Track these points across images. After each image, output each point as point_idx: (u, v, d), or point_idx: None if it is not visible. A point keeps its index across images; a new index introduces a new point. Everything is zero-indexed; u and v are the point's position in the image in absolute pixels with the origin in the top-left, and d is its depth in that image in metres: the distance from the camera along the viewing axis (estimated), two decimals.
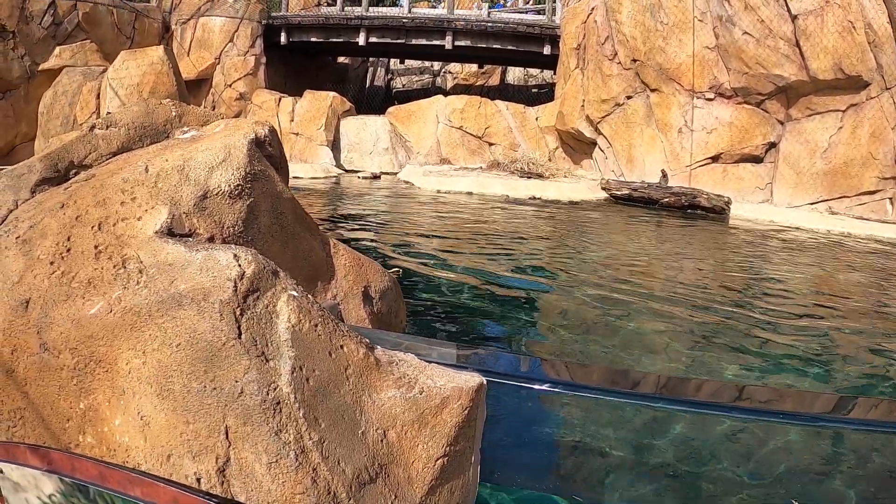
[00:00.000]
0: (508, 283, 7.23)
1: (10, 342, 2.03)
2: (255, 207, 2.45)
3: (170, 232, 2.11)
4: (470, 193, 15.63)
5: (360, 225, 10.81)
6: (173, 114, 3.01)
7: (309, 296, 1.96)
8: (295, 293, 1.91)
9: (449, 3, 23.04)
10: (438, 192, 15.76)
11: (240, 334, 1.77)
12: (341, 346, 1.91)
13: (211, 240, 2.22)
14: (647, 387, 2.85)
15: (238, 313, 1.80)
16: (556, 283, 7.69)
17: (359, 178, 18.77)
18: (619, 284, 7.48)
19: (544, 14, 22.72)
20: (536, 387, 2.67)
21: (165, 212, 2.16)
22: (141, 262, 1.98)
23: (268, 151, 2.70)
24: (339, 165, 20.34)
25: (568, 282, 7.70)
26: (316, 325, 1.89)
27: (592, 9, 18.24)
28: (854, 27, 14.11)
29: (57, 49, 18.80)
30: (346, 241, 3.35)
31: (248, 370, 1.73)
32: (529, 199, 15.39)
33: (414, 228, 10.98)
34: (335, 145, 20.75)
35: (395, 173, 19.46)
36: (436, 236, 10.27)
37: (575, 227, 12.21)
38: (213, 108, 21.27)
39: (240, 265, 1.87)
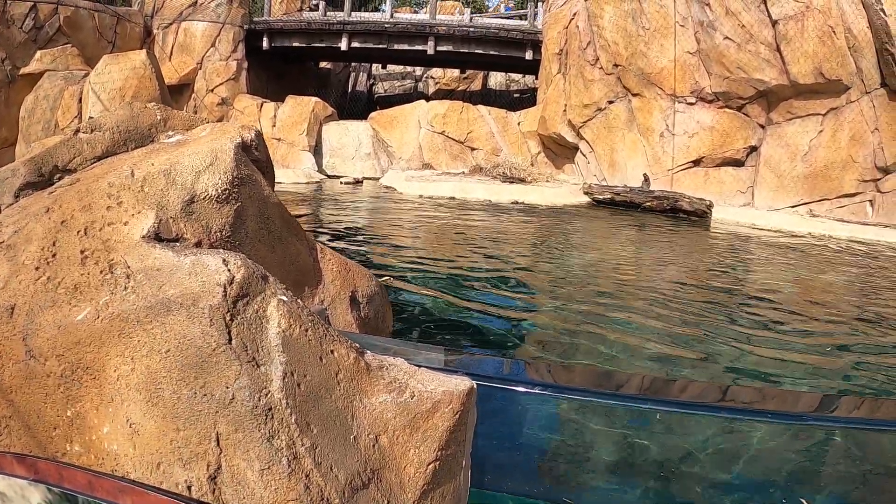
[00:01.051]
0: (492, 289, 7.23)
1: None
2: (243, 212, 2.43)
3: (157, 237, 2.09)
4: (452, 198, 15.63)
5: (342, 230, 10.79)
6: (158, 118, 2.99)
7: (298, 300, 1.95)
8: (285, 298, 1.89)
9: (431, 8, 23.10)
10: (421, 197, 15.76)
11: (230, 339, 1.75)
12: (332, 351, 1.90)
13: (198, 245, 2.20)
14: (635, 388, 2.85)
15: (228, 318, 1.78)
16: (539, 288, 7.70)
17: (341, 183, 18.73)
18: (602, 290, 7.49)
19: (526, 19, 22.79)
20: (525, 390, 2.67)
21: (152, 216, 2.14)
22: (128, 267, 1.96)
23: (254, 156, 2.68)
24: (321, 171, 20.29)
25: (551, 286, 7.71)
26: (306, 330, 1.87)
27: (574, 14, 18.31)
28: (834, 32, 14.24)
29: (38, 53, 18.68)
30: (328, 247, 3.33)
31: (239, 376, 1.72)
32: (512, 203, 15.41)
33: (397, 233, 10.97)
34: (317, 150, 20.71)
35: (378, 178, 19.44)
36: (419, 241, 10.27)
37: (558, 232, 12.24)
38: (195, 113, 21.17)
39: (229, 270, 1.85)
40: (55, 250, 2.10)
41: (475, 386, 2.05)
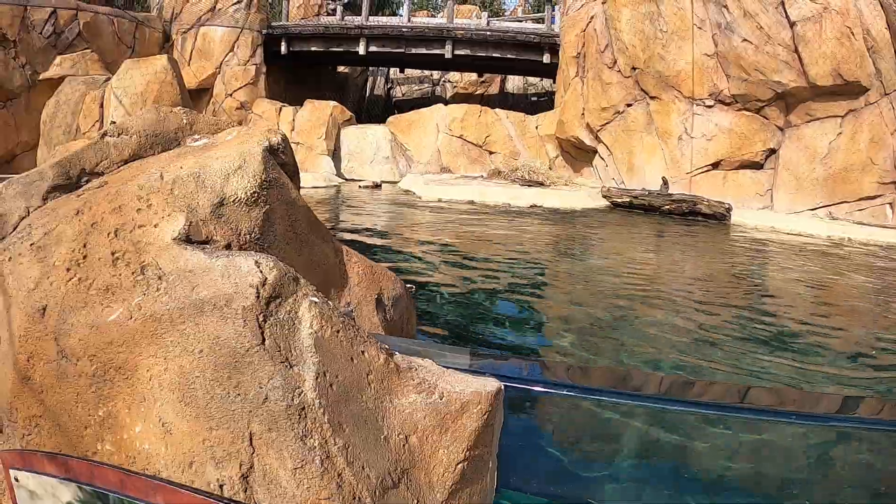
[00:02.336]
0: (512, 293, 7.23)
1: (26, 349, 2.02)
2: (271, 214, 2.45)
3: (187, 239, 2.10)
4: (471, 202, 15.62)
5: (362, 234, 10.81)
6: (184, 122, 3.00)
7: (329, 302, 1.96)
8: (316, 299, 1.91)
9: (449, 11, 23.11)
10: (440, 200, 15.76)
11: (263, 340, 1.77)
12: (362, 352, 1.91)
13: (228, 247, 2.22)
14: (666, 391, 2.84)
15: (261, 319, 1.80)
16: (559, 293, 7.69)
17: (360, 187, 18.76)
18: (623, 296, 7.47)
19: (543, 22, 22.77)
20: (550, 391, 2.67)
21: (182, 219, 2.15)
22: (160, 268, 1.98)
23: (281, 159, 2.70)
24: (339, 174, 20.35)
25: (571, 292, 7.70)
26: (338, 331, 1.89)
27: (592, 17, 18.28)
28: (852, 33, 14.15)
29: (58, 58, 18.80)
30: None
31: (273, 376, 1.73)
32: (530, 207, 15.39)
33: (416, 237, 10.98)
34: (335, 154, 20.77)
35: (396, 182, 19.47)
36: (438, 245, 10.27)
37: (577, 236, 12.21)
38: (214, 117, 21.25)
39: (261, 271, 1.87)
40: (86, 252, 2.12)
41: (503, 387, 2.06)
